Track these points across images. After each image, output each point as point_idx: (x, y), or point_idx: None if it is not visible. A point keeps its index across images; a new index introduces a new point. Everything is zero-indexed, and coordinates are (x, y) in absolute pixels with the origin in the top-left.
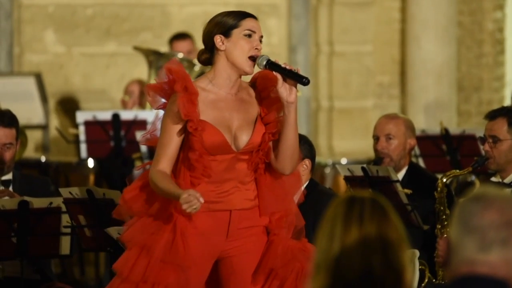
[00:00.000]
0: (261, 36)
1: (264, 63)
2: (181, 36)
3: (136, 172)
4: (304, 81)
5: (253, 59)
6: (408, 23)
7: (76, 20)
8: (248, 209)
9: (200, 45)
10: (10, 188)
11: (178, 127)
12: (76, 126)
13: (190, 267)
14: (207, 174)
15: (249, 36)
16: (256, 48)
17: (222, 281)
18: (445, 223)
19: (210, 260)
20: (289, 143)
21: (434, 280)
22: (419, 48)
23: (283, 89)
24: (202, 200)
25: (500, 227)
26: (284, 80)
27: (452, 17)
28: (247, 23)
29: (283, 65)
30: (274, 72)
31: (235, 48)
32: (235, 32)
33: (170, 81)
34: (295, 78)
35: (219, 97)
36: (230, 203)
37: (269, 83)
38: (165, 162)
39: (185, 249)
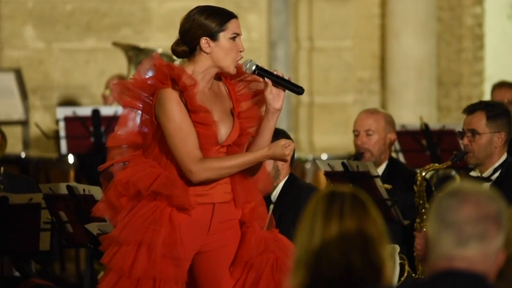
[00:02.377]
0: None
1: (253, 68)
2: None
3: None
4: (299, 90)
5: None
6: (388, 18)
7: (55, 15)
8: (227, 202)
9: None
10: None
11: (189, 118)
12: (56, 122)
13: (187, 261)
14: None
15: (234, 39)
16: (240, 51)
17: (197, 276)
18: (424, 217)
19: (192, 254)
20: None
21: (413, 275)
22: (399, 43)
23: (271, 95)
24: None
25: (476, 221)
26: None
27: (431, 12)
28: (232, 26)
29: (274, 72)
30: (265, 79)
31: (222, 51)
32: (222, 36)
33: (161, 76)
34: (289, 86)
35: (199, 91)
36: (213, 196)
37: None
38: (199, 151)
39: (182, 242)
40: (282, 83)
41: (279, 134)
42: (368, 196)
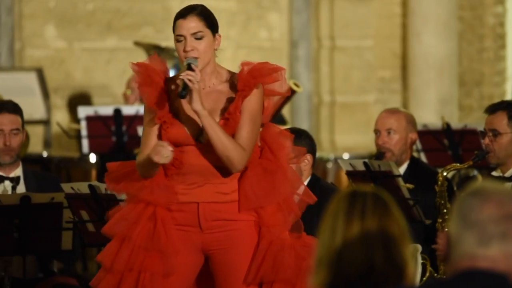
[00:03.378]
0: (194, 33)
1: (185, 63)
2: None
3: None
4: (179, 92)
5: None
6: (409, 17)
7: (77, 15)
8: (221, 202)
9: None
10: (22, 186)
11: (152, 117)
12: (77, 121)
13: (174, 254)
14: (177, 165)
15: (179, 41)
16: (185, 51)
17: (213, 277)
18: (446, 217)
19: (195, 252)
20: (214, 146)
21: (435, 274)
22: (420, 42)
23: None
24: (170, 148)
25: (499, 221)
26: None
27: (453, 11)
28: (177, 28)
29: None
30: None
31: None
32: (175, 38)
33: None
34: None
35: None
36: (197, 195)
37: (245, 83)
38: (146, 151)
39: (167, 236)
40: None
41: (301, 134)
42: (390, 196)
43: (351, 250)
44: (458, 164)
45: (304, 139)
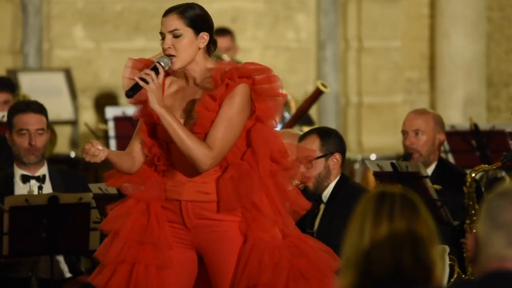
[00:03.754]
0: (171, 31)
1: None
2: (221, 32)
3: None
4: (126, 92)
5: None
6: (437, 18)
7: (105, 15)
8: (202, 202)
9: (239, 42)
10: (48, 184)
11: (143, 114)
12: (105, 121)
13: (167, 248)
14: (163, 162)
15: (162, 38)
16: (163, 48)
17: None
18: (474, 218)
19: (188, 250)
20: (176, 145)
21: (463, 276)
22: (448, 43)
23: None
24: (99, 146)
25: None
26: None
27: (481, 12)
28: (161, 26)
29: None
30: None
31: None
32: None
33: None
34: None
35: (180, 87)
36: (180, 193)
37: (215, 83)
38: (131, 145)
39: (160, 229)
40: None
41: (331, 134)
42: (418, 197)
43: (379, 251)
44: (486, 165)
45: (333, 138)
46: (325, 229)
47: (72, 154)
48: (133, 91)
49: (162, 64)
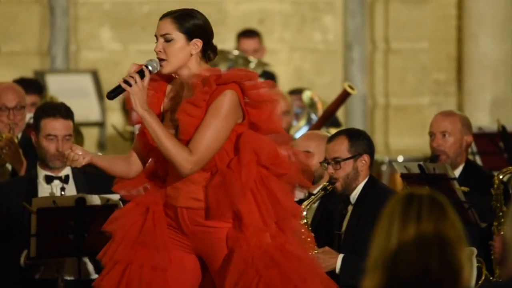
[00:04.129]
0: (163, 35)
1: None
2: (248, 34)
3: None
4: (107, 94)
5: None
6: (465, 19)
7: (132, 17)
8: (196, 209)
9: (266, 43)
10: (72, 184)
11: None
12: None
13: (164, 249)
14: (161, 167)
15: (156, 41)
16: (155, 51)
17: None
18: (502, 220)
19: (189, 253)
20: (159, 149)
21: (491, 278)
22: (475, 45)
23: None
24: (78, 152)
25: None
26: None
27: (509, 13)
28: (156, 28)
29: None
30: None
31: None
32: None
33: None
34: None
35: (176, 93)
36: (176, 199)
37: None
38: (132, 149)
39: (156, 230)
40: None
41: (360, 135)
42: (447, 199)
43: (406, 253)
44: None
45: (362, 140)
46: (353, 230)
47: None
48: (114, 93)
49: (149, 67)
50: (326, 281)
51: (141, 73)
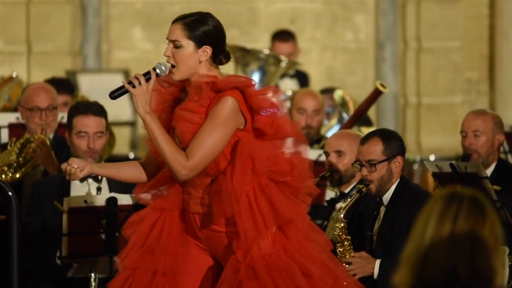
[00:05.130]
0: (172, 40)
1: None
2: (283, 37)
3: None
4: (109, 94)
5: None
6: (497, 18)
7: (163, 16)
8: (206, 214)
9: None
10: (105, 184)
11: None
12: None
13: (170, 254)
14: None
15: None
16: (165, 55)
17: None
18: None
19: (205, 254)
20: (158, 151)
21: None
22: (508, 43)
23: None
24: (74, 165)
25: None
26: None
27: None
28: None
29: (146, 78)
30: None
31: None
32: None
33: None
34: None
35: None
36: (189, 204)
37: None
38: (147, 152)
39: (162, 235)
40: None
41: (393, 136)
42: (489, 200)
43: (436, 253)
44: None
45: (395, 141)
46: (386, 232)
47: (131, 155)
48: (117, 92)
49: (157, 70)
50: None
51: (146, 75)
